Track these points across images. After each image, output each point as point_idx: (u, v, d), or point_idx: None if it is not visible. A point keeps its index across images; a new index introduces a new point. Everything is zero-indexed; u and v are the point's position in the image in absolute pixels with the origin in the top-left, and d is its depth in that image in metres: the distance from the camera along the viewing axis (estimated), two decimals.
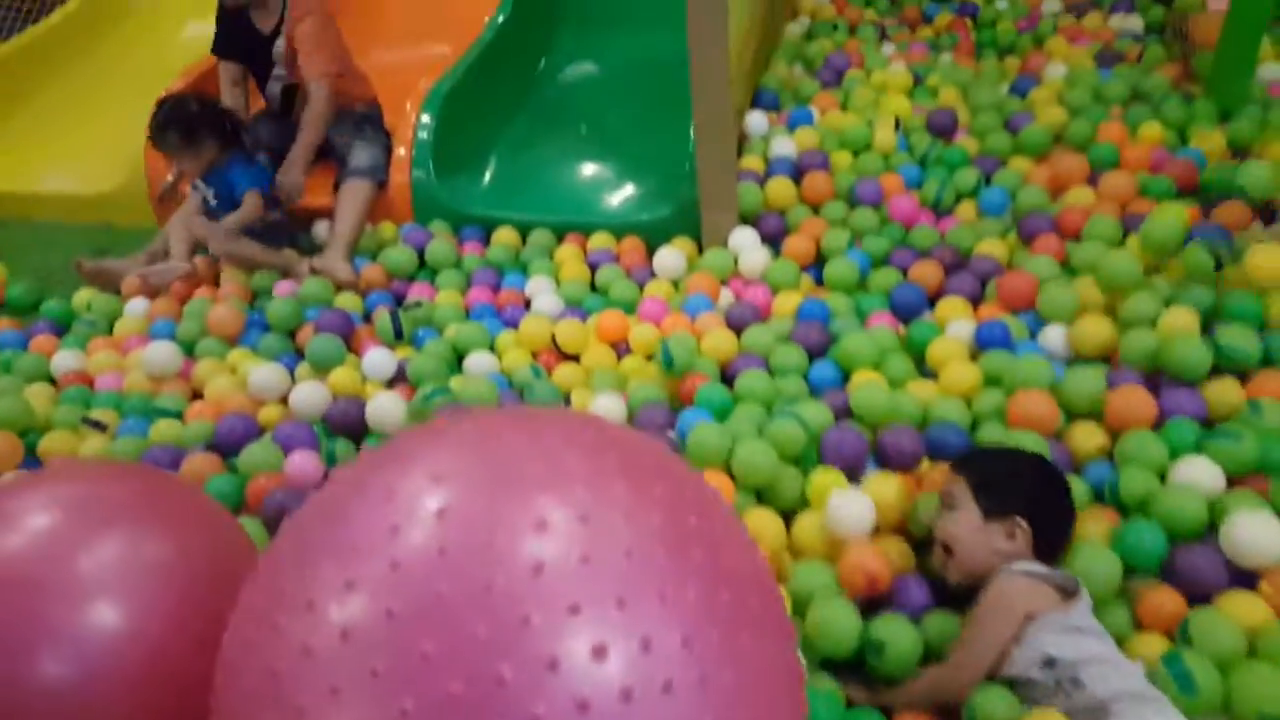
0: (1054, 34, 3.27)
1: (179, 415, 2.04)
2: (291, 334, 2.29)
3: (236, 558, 1.24)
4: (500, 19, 3.27)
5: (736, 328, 2.11)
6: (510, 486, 0.84)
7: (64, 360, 2.22)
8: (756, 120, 2.80)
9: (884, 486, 1.57)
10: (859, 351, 1.92)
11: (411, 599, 0.77)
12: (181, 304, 2.47)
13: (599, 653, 0.73)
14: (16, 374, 2.18)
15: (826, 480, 1.61)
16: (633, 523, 0.83)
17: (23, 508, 1.11)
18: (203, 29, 3.72)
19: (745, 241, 2.40)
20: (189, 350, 2.25)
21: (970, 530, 1.38)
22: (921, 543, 1.54)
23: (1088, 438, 1.67)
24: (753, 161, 2.62)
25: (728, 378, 1.98)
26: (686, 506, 0.89)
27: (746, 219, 2.48)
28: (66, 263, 2.80)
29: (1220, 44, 2.54)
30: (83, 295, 2.56)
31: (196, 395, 2.15)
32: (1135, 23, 3.25)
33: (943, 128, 2.69)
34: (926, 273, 2.19)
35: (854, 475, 1.67)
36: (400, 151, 2.82)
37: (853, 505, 1.50)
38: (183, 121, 2.49)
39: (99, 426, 1.99)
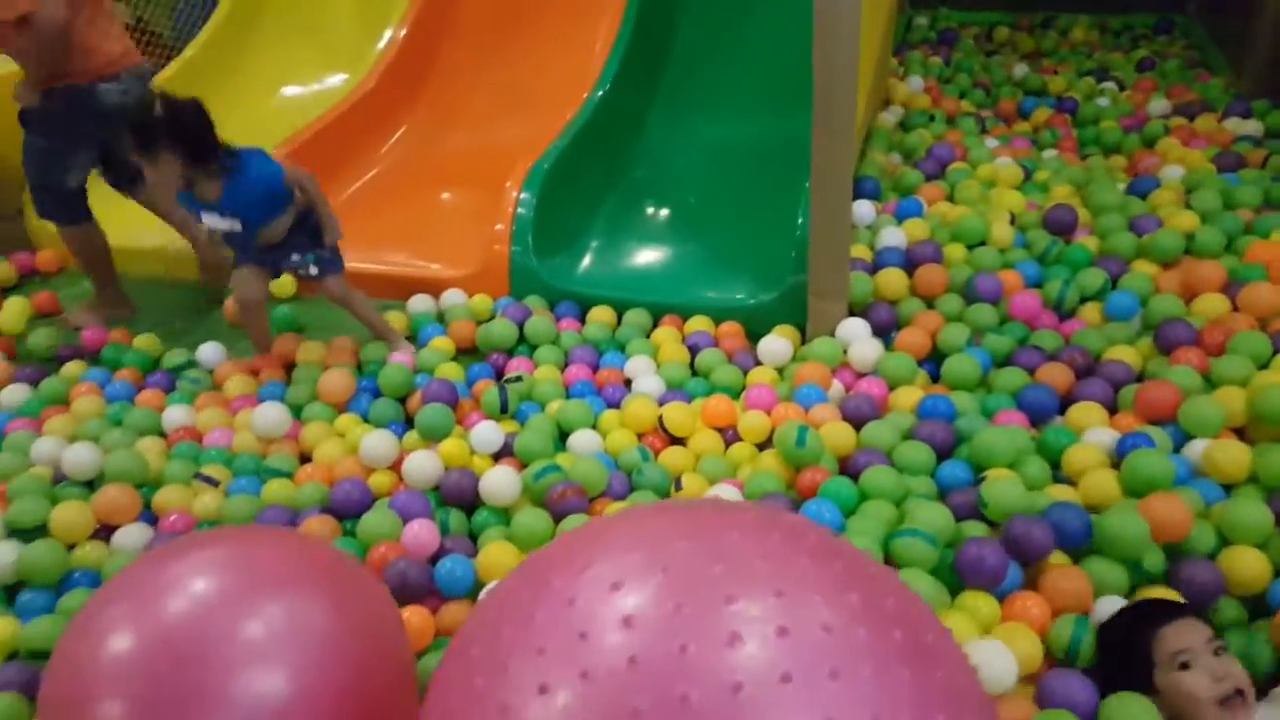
0: (1165, 135, 3.21)
1: (290, 476, 2.02)
2: (401, 400, 2.26)
3: (388, 623, 1.20)
4: (599, 94, 3.28)
5: (854, 421, 2.04)
6: (746, 587, 0.79)
7: (173, 416, 2.22)
8: (864, 209, 2.74)
9: (1023, 640, 1.49)
10: (994, 448, 1.83)
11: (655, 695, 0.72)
12: (285, 369, 2.46)
13: None
14: (128, 429, 2.18)
15: (978, 604, 1.55)
16: (876, 638, 0.77)
17: (181, 574, 1.07)
18: (295, 93, 3.86)
19: (856, 332, 2.32)
20: (297, 413, 2.24)
21: None
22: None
23: (1248, 564, 1.58)
24: (860, 251, 2.57)
25: (847, 472, 1.91)
26: (922, 623, 0.82)
27: (855, 309, 2.41)
28: (162, 318, 2.85)
29: None
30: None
31: (304, 457, 2.13)
32: (1253, 126, 3.17)
33: (1062, 225, 2.61)
34: (1055, 375, 2.08)
35: (994, 589, 1.58)
36: (499, 227, 2.81)
37: (994, 662, 1.42)
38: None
39: (212, 482, 1.98)
